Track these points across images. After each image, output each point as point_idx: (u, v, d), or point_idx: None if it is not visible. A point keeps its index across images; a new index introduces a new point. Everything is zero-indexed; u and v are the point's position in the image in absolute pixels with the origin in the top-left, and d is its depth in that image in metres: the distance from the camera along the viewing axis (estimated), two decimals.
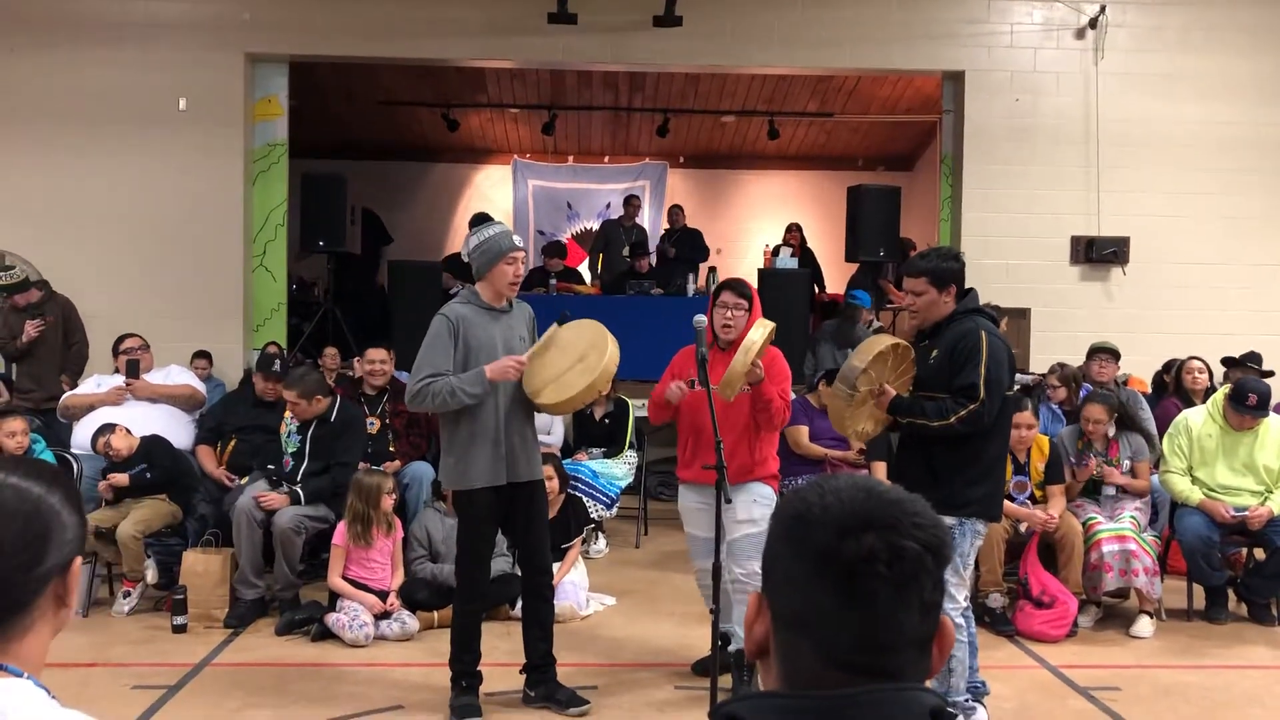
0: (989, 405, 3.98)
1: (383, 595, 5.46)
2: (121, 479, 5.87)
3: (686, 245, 11.12)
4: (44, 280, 8.10)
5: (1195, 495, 5.83)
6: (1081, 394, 6.80)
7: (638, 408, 7.63)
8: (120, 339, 6.93)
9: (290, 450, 5.88)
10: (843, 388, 4.14)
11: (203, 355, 8.33)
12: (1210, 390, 7.06)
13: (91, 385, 6.72)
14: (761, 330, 4.34)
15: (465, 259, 4.46)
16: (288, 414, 5.95)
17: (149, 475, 5.93)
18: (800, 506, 1.16)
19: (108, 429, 5.99)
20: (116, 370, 6.75)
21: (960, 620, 4.12)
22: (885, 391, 4.13)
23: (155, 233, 8.87)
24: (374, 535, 5.50)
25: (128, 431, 6.03)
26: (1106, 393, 6.51)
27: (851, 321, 8.53)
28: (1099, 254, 9.26)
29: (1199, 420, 5.97)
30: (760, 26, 9.16)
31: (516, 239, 4.39)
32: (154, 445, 6.07)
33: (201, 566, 5.62)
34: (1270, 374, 7.20)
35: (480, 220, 4.47)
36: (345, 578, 5.46)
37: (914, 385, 4.20)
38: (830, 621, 1.11)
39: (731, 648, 4.60)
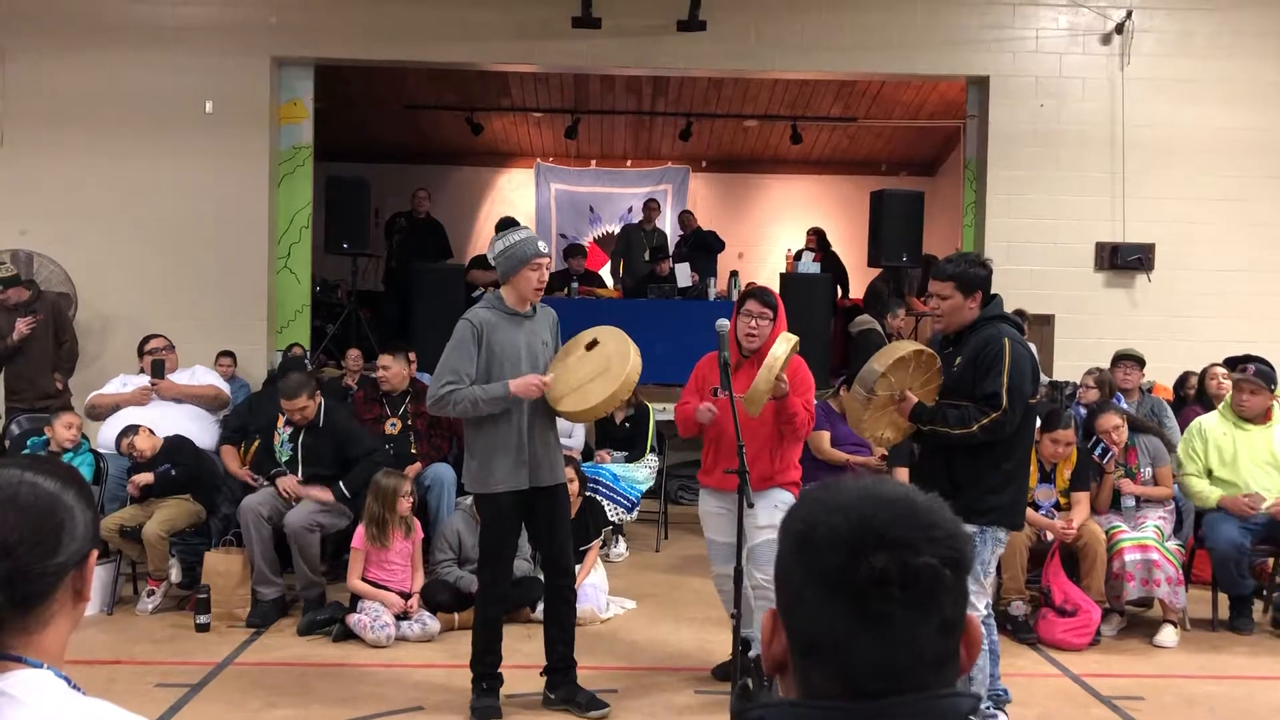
0: (1011, 414, 3.96)
1: (403, 597, 5.49)
2: (147, 478, 5.92)
3: (702, 249, 11.13)
4: (33, 280, 8.14)
5: (1214, 495, 5.82)
6: (1115, 400, 6.76)
7: (659, 412, 7.63)
8: (145, 339, 6.97)
9: (284, 459, 5.91)
10: (860, 390, 4.12)
11: (226, 354, 8.39)
12: None
13: (117, 385, 6.77)
14: (785, 345, 4.33)
15: (490, 263, 4.48)
16: (279, 423, 5.96)
17: (174, 473, 5.97)
18: (804, 526, 1.07)
19: (131, 430, 6.04)
20: (142, 370, 6.80)
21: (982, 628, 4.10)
22: (906, 398, 4.10)
23: (181, 234, 8.95)
24: (391, 537, 5.52)
25: (150, 432, 6.08)
26: (1107, 401, 6.51)
27: None
28: (1124, 260, 9.20)
29: (1213, 422, 5.98)
30: (784, 31, 9.16)
31: (542, 245, 4.40)
32: (177, 445, 6.12)
33: (223, 566, 5.65)
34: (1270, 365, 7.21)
35: (506, 225, 4.50)
36: (364, 579, 5.49)
37: (942, 394, 4.17)
38: (845, 646, 1.03)
39: (752, 653, 4.59)
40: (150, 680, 4.76)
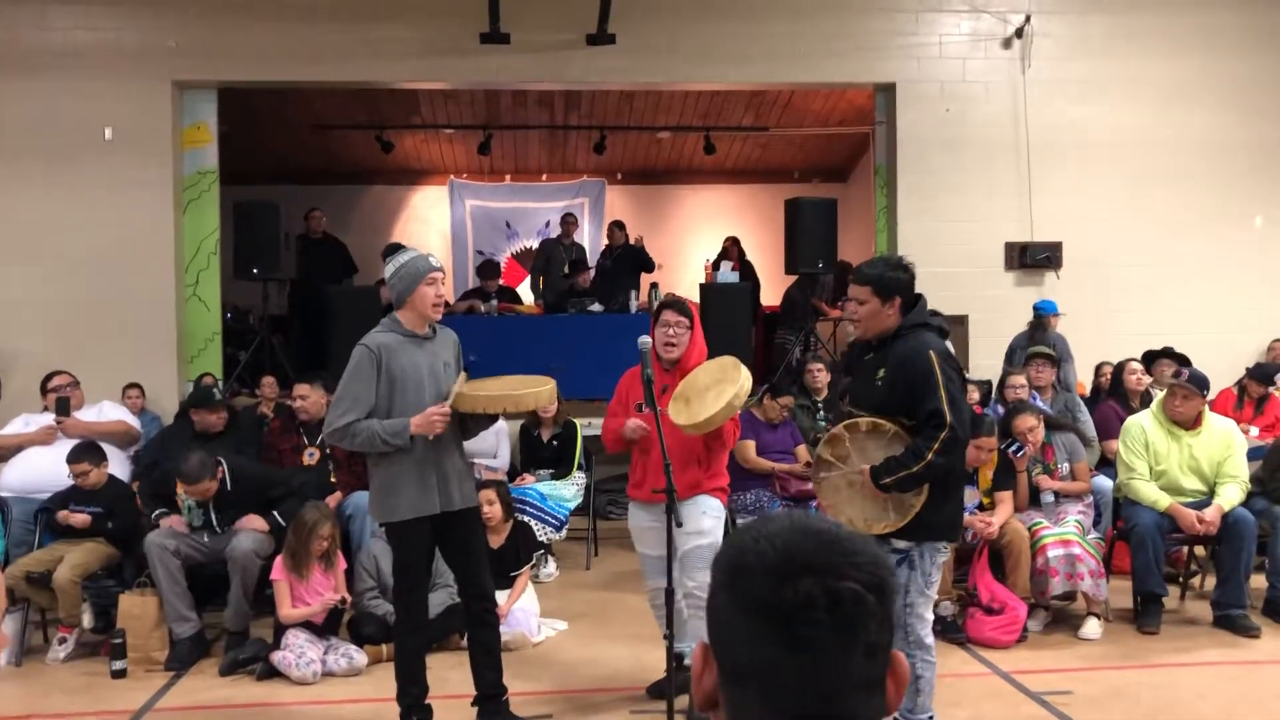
0: (959, 425, 3.82)
1: (329, 626, 5.36)
2: (83, 520, 5.68)
3: (630, 262, 11.07)
4: None
5: (1164, 501, 5.75)
6: (1032, 400, 6.85)
7: (585, 427, 7.58)
8: (48, 376, 6.73)
9: (196, 524, 5.66)
10: (820, 475, 4.08)
11: (134, 386, 8.14)
12: (1148, 393, 7.18)
13: (19, 425, 6.51)
14: (746, 383, 4.32)
15: (384, 288, 4.40)
16: (180, 490, 5.67)
17: (110, 526, 5.75)
18: (735, 555, 1.12)
19: (87, 455, 5.78)
20: (46, 409, 6.55)
21: (929, 641, 4.05)
22: (863, 473, 3.90)
23: (83, 266, 8.67)
24: (310, 569, 5.37)
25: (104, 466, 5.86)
26: (1022, 402, 6.58)
27: (1043, 328, 8.43)
28: (1033, 259, 9.41)
29: (1149, 424, 5.92)
30: (693, 43, 9.20)
31: (434, 259, 4.31)
32: (120, 495, 5.88)
33: (138, 609, 5.44)
34: (1188, 361, 7.38)
35: (393, 250, 4.43)
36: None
37: (863, 405, 4.03)
38: (773, 672, 1.06)
39: (686, 661, 4.56)
40: None
